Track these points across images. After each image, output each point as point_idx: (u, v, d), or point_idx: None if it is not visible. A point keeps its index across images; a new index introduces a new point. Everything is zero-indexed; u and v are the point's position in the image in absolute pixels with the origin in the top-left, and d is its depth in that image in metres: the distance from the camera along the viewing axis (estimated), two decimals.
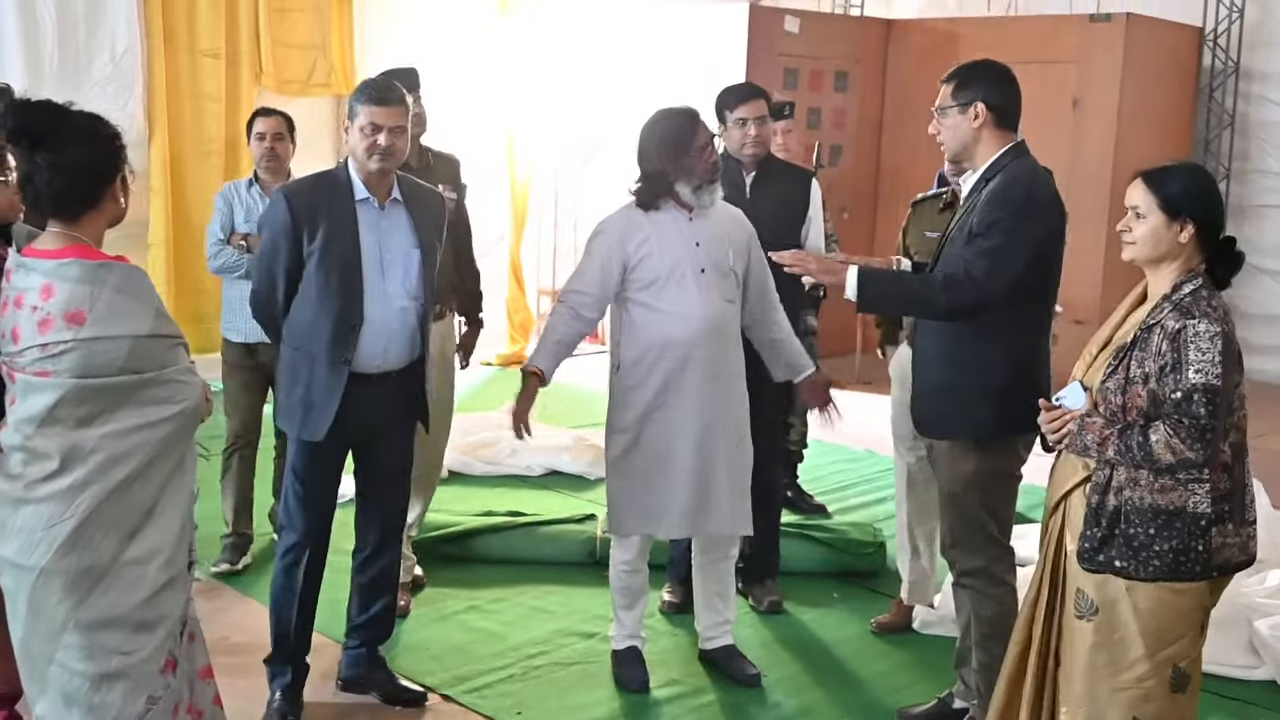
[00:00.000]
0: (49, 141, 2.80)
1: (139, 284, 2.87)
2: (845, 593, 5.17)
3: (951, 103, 3.65)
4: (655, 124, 4.13)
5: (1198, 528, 2.97)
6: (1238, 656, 4.52)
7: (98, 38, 7.72)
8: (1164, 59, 9.57)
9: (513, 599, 4.96)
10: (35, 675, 2.91)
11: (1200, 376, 2.90)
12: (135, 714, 2.88)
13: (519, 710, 4.10)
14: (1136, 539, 2.99)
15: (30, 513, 2.82)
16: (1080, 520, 3.09)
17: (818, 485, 6.48)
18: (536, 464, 6.61)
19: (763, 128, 4.76)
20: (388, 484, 4.07)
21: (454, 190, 4.81)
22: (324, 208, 3.79)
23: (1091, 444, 3.02)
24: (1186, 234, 3.02)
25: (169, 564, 2.90)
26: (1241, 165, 9.81)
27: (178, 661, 2.94)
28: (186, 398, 2.91)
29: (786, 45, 9.63)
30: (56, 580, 2.82)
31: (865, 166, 10.38)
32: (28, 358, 2.80)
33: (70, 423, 2.79)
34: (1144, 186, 3.07)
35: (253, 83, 8.40)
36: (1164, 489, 2.98)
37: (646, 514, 4.17)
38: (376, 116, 3.75)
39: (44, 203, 2.84)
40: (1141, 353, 3.00)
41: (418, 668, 4.35)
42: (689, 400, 4.10)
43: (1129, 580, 3.01)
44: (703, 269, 4.10)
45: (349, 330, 3.78)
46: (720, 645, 4.40)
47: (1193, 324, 2.94)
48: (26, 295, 2.80)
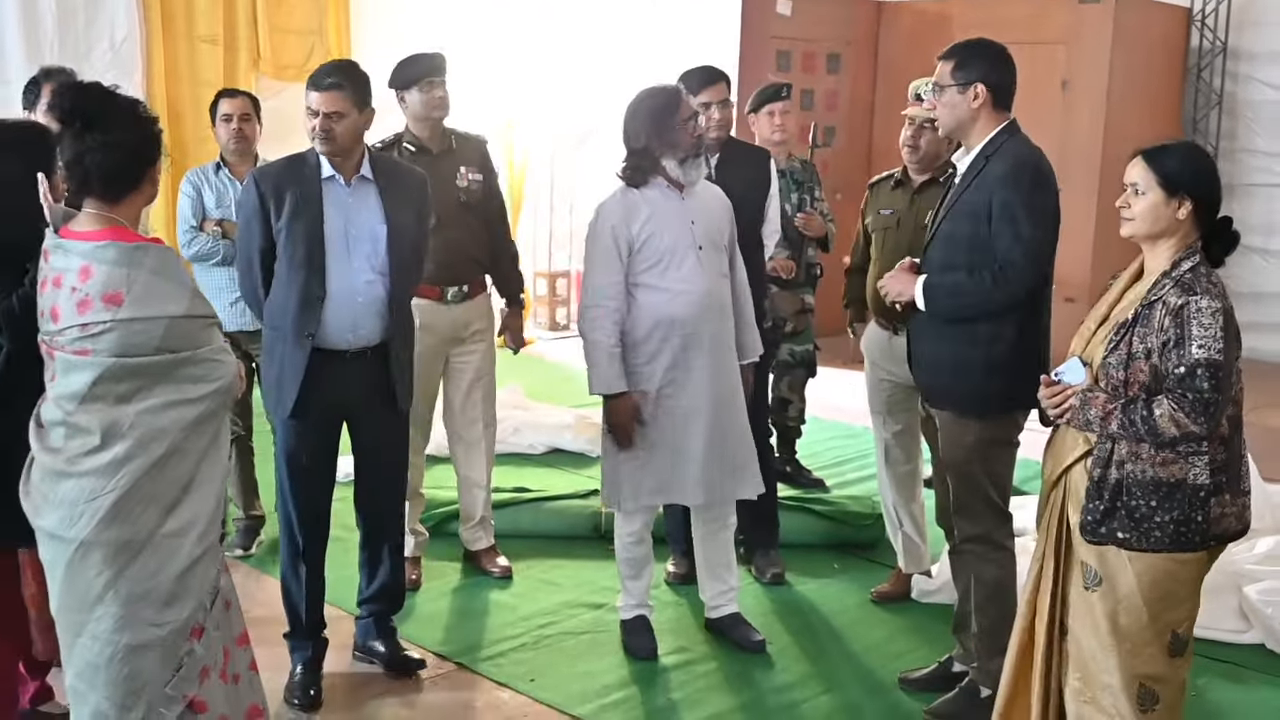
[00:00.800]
0: (100, 123, 2.87)
1: (174, 266, 2.94)
2: (845, 563, 5.29)
3: (951, 81, 3.70)
4: (640, 101, 4.20)
5: (1197, 499, 3.02)
6: (1228, 621, 4.65)
7: (97, 25, 7.78)
8: (1152, 39, 9.67)
9: (521, 572, 5.07)
10: (68, 645, 2.98)
11: (1203, 351, 2.94)
12: (162, 682, 2.95)
13: (532, 677, 4.21)
14: (1138, 511, 3.04)
15: (72, 486, 2.89)
16: (1082, 493, 3.14)
17: (815, 461, 6.60)
18: (539, 442, 6.71)
19: (724, 111, 4.78)
20: (377, 462, 4.14)
21: (479, 171, 4.87)
22: (291, 186, 3.88)
23: (1094, 418, 3.07)
24: (1184, 211, 3.06)
25: (203, 537, 2.97)
26: (1229, 144, 9.92)
27: (205, 629, 3.01)
28: (221, 376, 2.99)
29: (779, 27, 9.71)
30: (97, 552, 2.88)
31: (858, 147, 10.47)
32: (67, 336, 2.87)
33: (110, 399, 2.86)
34: (1144, 164, 3.11)
35: (250, 68, 8.47)
36: (1165, 462, 3.02)
37: (660, 486, 4.26)
38: (312, 102, 3.86)
39: (94, 183, 2.90)
40: (1143, 328, 3.03)
41: (432, 637, 4.47)
42: (699, 375, 4.20)
43: (1131, 551, 3.06)
44: (700, 246, 4.19)
45: (312, 304, 3.84)
46: (726, 613, 4.51)
47: (1195, 300, 2.98)
48: (65, 276, 2.87)
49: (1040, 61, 8.89)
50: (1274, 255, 9.79)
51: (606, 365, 4.16)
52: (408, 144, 4.80)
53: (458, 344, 4.89)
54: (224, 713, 3.07)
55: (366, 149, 4.01)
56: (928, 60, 3.88)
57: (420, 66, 4.75)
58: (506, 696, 4.12)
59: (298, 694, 3.98)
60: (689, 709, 4.07)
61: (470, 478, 5.07)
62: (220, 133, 5.12)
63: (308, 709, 3.97)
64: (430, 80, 4.73)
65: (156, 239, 2.99)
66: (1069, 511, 3.20)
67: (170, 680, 2.96)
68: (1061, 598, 3.24)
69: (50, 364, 2.96)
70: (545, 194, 10.36)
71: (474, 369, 4.95)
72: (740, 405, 4.36)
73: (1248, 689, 4.30)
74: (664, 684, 4.22)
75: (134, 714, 2.93)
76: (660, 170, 4.17)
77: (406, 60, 4.78)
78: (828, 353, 7.24)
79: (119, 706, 2.93)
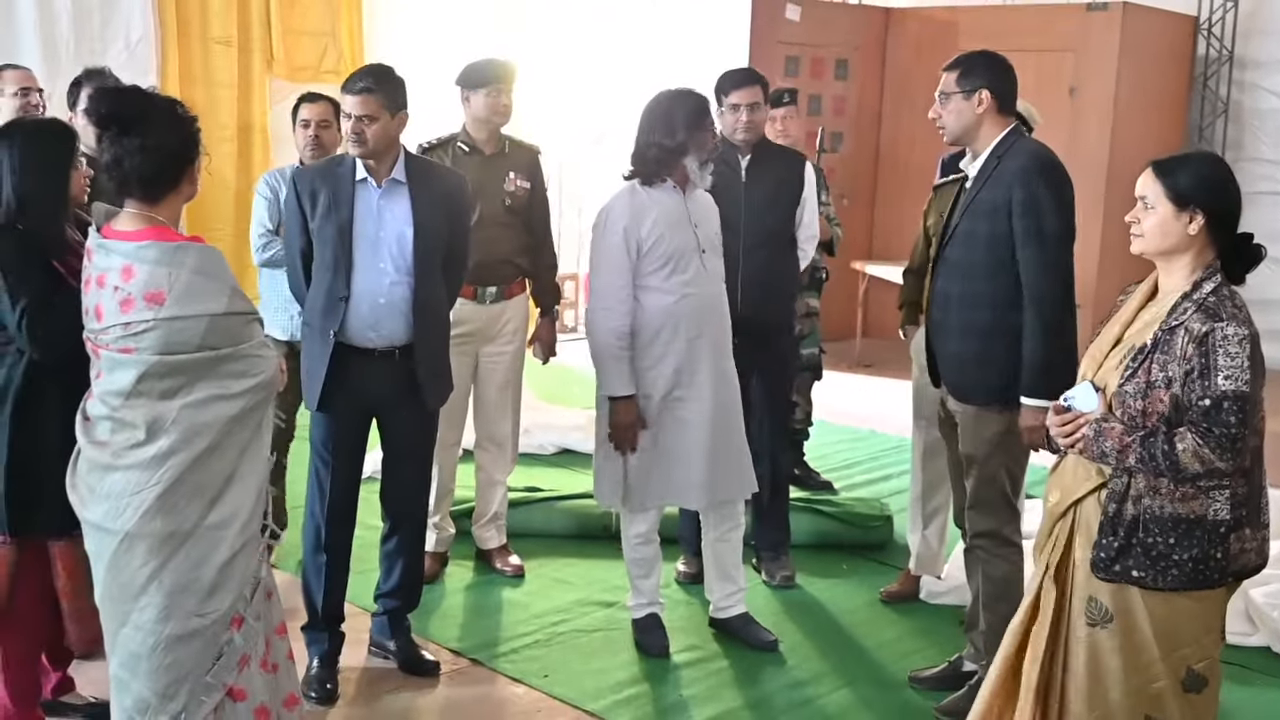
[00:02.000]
0: (138, 126, 2.94)
1: (215, 264, 3.00)
2: (854, 564, 5.33)
3: (956, 89, 3.82)
4: (678, 98, 4.22)
5: (1217, 535, 2.88)
6: (1233, 623, 4.61)
7: (112, 26, 7.82)
8: (1159, 47, 9.72)
9: (534, 570, 5.12)
10: (111, 634, 3.04)
11: (1230, 383, 2.79)
12: (203, 670, 3.00)
13: (545, 674, 4.26)
14: (1155, 548, 2.90)
15: (118, 479, 2.95)
16: (1093, 528, 2.98)
17: (824, 463, 6.64)
18: (549, 442, 6.77)
19: (755, 114, 4.85)
20: (401, 461, 4.20)
21: (527, 179, 4.94)
22: (325, 187, 3.98)
23: (1110, 451, 2.90)
24: (1196, 225, 2.91)
25: (245, 528, 3.03)
26: (1235, 153, 9.95)
27: (245, 619, 3.06)
28: (262, 370, 3.04)
29: (788, 33, 9.76)
30: (141, 544, 2.94)
31: (865, 153, 10.53)
32: (111, 335, 2.93)
33: (154, 395, 2.92)
34: (1153, 175, 2.97)
35: (264, 70, 8.50)
36: (1185, 497, 2.87)
37: (668, 488, 4.32)
38: (346, 105, 3.95)
39: (132, 185, 2.97)
40: (1164, 355, 2.87)
41: (446, 634, 4.53)
42: (704, 378, 4.25)
43: (1146, 590, 2.93)
44: (703, 250, 4.24)
45: (336, 302, 3.93)
46: (736, 613, 4.55)
47: (1221, 327, 2.82)
48: (108, 275, 2.93)
49: (1048, 69, 8.95)
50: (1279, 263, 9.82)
51: (614, 367, 4.20)
52: (461, 143, 4.89)
53: (490, 343, 4.95)
54: (263, 701, 3.12)
55: (404, 151, 4.06)
56: (935, 66, 3.97)
57: (490, 71, 4.82)
58: (521, 692, 4.16)
59: (314, 687, 4.03)
60: (700, 705, 4.11)
61: (493, 476, 5.13)
62: (299, 137, 5.01)
63: (324, 702, 4.02)
64: (498, 87, 4.80)
65: (196, 237, 3.06)
66: (1076, 546, 3.04)
67: (211, 669, 3.01)
68: (1064, 636, 3.08)
69: (96, 361, 3.02)
70: (555, 196, 10.37)
71: (505, 368, 5.02)
72: (738, 407, 4.42)
73: (1254, 691, 4.34)
74: (676, 681, 4.27)
75: (175, 703, 2.98)
76: (678, 170, 4.20)
77: (479, 63, 4.86)
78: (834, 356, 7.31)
79: (160, 695, 2.98)
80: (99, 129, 3.00)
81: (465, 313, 4.79)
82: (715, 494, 4.36)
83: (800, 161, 5.04)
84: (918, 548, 4.91)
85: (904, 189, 9.89)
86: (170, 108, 3.05)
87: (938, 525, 4.87)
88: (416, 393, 4.08)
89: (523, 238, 4.96)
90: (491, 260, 4.84)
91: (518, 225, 4.93)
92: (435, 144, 4.90)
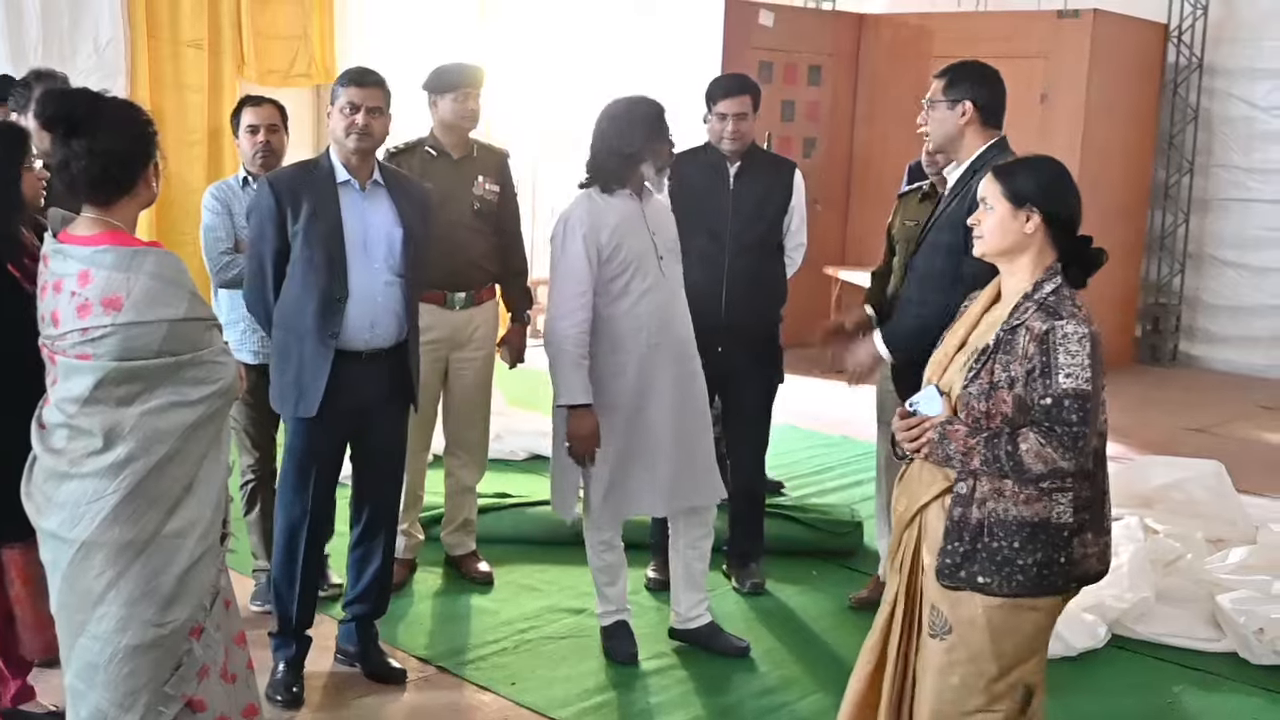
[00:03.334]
0: (84, 128, 2.88)
1: (173, 269, 2.94)
2: (824, 571, 5.33)
3: (942, 98, 3.85)
4: (634, 106, 4.17)
5: (1061, 539, 2.85)
6: (1200, 630, 4.72)
7: (81, 28, 7.78)
8: (1130, 54, 9.78)
9: (502, 577, 5.10)
10: (67, 645, 3.00)
11: (1071, 381, 2.76)
12: (160, 681, 2.96)
13: (513, 681, 4.23)
14: (1000, 553, 2.85)
15: (75, 487, 2.90)
16: (939, 535, 2.93)
17: (794, 469, 6.66)
18: (520, 448, 6.75)
19: (742, 123, 4.83)
20: (379, 465, 4.17)
21: (496, 183, 4.92)
22: (307, 190, 3.93)
23: (955, 454, 2.86)
24: (1032, 224, 2.89)
25: (204, 537, 2.98)
26: (1205, 159, 10.04)
27: (204, 629, 3.02)
28: (221, 377, 3.00)
29: (761, 39, 9.78)
30: (99, 553, 2.89)
31: (838, 158, 10.55)
32: (68, 341, 2.88)
33: (111, 402, 2.88)
34: (992, 178, 2.97)
35: (235, 73, 8.48)
36: (1029, 500, 2.83)
37: (628, 498, 4.27)
38: (354, 96, 3.91)
39: (80, 188, 2.92)
40: (1006, 355, 2.84)
41: (413, 641, 4.50)
42: (664, 384, 4.22)
43: (989, 596, 2.87)
44: (662, 256, 4.21)
45: (334, 304, 3.89)
46: (704, 624, 4.49)
47: (1061, 325, 2.79)
48: (65, 281, 2.88)
49: (1019, 75, 8.87)
50: (1248, 270, 9.91)
51: (573, 375, 4.13)
52: (429, 148, 4.87)
53: (459, 348, 4.92)
54: (222, 711, 3.08)
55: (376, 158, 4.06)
56: (908, 72, 4.02)
57: (459, 75, 4.80)
58: (488, 700, 4.14)
59: (280, 691, 4.00)
60: (670, 712, 4.10)
61: (463, 481, 5.11)
62: (245, 145, 4.60)
63: (290, 706, 3.99)
64: (465, 91, 4.78)
65: (155, 242, 3.02)
66: (923, 553, 2.99)
67: (169, 679, 2.97)
68: (915, 645, 3.05)
69: (52, 368, 2.97)
70: (527, 200, 10.36)
71: (475, 374, 4.99)
72: (703, 412, 4.38)
73: (1221, 696, 4.36)
74: (645, 688, 4.25)
75: (132, 714, 2.94)
76: (633, 178, 4.17)
77: (446, 67, 4.84)
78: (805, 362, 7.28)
79: (118, 706, 2.94)
80: (46, 130, 2.97)
81: (434, 318, 4.77)
82: (679, 501, 4.34)
83: (789, 169, 5.02)
84: (887, 552, 4.89)
85: (877, 195, 9.88)
86: (120, 109, 3.00)
87: None
88: (406, 393, 4.09)
89: (492, 242, 4.94)
90: (460, 265, 4.82)
91: (487, 230, 4.91)
92: (403, 148, 4.87)
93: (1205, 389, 9.30)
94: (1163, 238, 10.24)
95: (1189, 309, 10.26)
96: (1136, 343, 10.31)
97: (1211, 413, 8.39)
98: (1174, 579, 5.00)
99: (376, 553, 4.23)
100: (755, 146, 5.00)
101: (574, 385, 4.13)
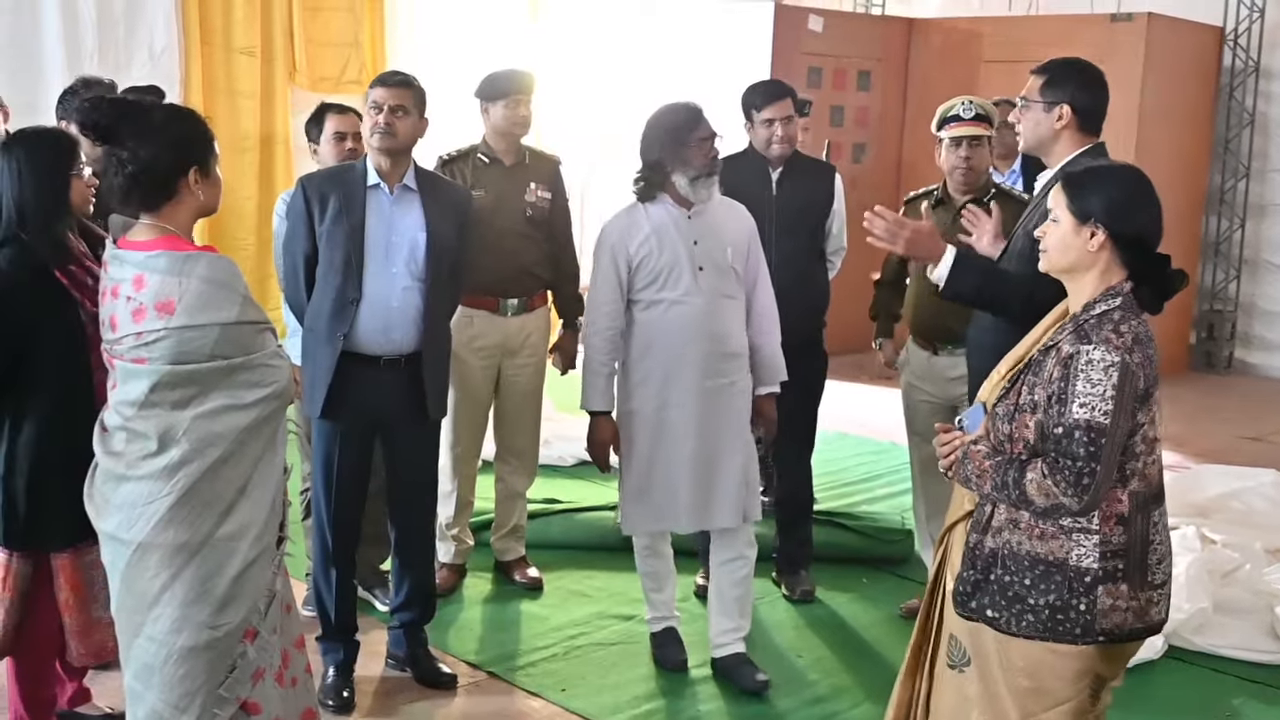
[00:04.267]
0: (115, 136, 2.92)
1: (226, 273, 2.96)
2: (874, 579, 5.29)
3: (1039, 98, 3.58)
4: (658, 116, 4.17)
5: (1081, 584, 2.64)
6: (1260, 641, 4.64)
7: (137, 36, 7.89)
8: (1184, 58, 9.66)
9: (552, 583, 5.10)
10: (125, 646, 3.02)
11: (1084, 412, 2.56)
12: (215, 683, 2.97)
13: (562, 687, 4.23)
14: (1011, 588, 2.69)
15: (131, 489, 2.93)
16: (960, 559, 2.81)
17: (843, 476, 6.62)
18: (568, 454, 6.72)
19: (788, 127, 4.81)
20: (408, 476, 4.16)
21: (549, 190, 4.91)
22: (336, 191, 3.97)
23: (972, 475, 2.74)
24: (1096, 242, 2.69)
25: (259, 540, 2.99)
26: (1261, 164, 9.90)
27: (259, 632, 3.03)
28: (275, 380, 3.00)
29: (810, 44, 9.75)
30: (154, 555, 2.92)
31: (887, 164, 10.49)
32: (125, 345, 2.92)
33: (166, 405, 2.91)
34: (1059, 187, 2.79)
35: (287, 80, 8.57)
36: (1044, 535, 2.66)
37: (655, 511, 4.24)
38: (378, 96, 3.96)
39: (121, 194, 2.95)
40: (1034, 377, 2.68)
41: (463, 646, 4.51)
42: (688, 398, 4.14)
43: (1000, 633, 2.72)
44: (701, 267, 4.13)
45: (346, 305, 3.90)
46: (729, 653, 4.33)
47: (1087, 350, 2.59)
48: (121, 286, 2.92)
49: None
50: None
51: (594, 382, 4.19)
52: (481, 154, 4.88)
53: (511, 355, 4.93)
54: (278, 715, 3.09)
55: (414, 162, 4.07)
56: (958, 77, 3.92)
57: (509, 83, 4.81)
58: (538, 705, 4.14)
59: (331, 696, 4.02)
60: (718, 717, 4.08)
61: (513, 487, 5.12)
62: (328, 151, 4.58)
63: (341, 711, 4.01)
64: (516, 98, 4.79)
65: (209, 247, 3.04)
66: (946, 576, 2.86)
67: (224, 682, 2.98)
68: (929, 674, 2.92)
69: (112, 372, 3.01)
70: (577, 208, 10.37)
71: (527, 381, 4.99)
72: (734, 431, 4.22)
73: None
74: (694, 695, 4.24)
75: (188, 715, 2.96)
76: (670, 187, 4.13)
77: (497, 74, 4.85)
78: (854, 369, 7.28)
79: (174, 707, 2.95)
80: (84, 137, 3.00)
81: (487, 325, 4.79)
82: (698, 519, 4.25)
83: (830, 174, 5.00)
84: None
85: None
86: (160, 119, 3.00)
87: None
88: (422, 404, 4.06)
89: (544, 249, 4.94)
90: (513, 272, 4.83)
91: (539, 236, 4.91)
92: (455, 155, 4.89)
93: (1261, 396, 9.17)
94: (1218, 243, 10.11)
95: (1244, 315, 10.12)
96: (1191, 350, 10.18)
97: (1268, 421, 8.27)
98: (1232, 589, 4.93)
99: (414, 562, 4.24)
100: (797, 152, 4.96)
101: (593, 392, 4.21)
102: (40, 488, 3.41)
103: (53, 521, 3.41)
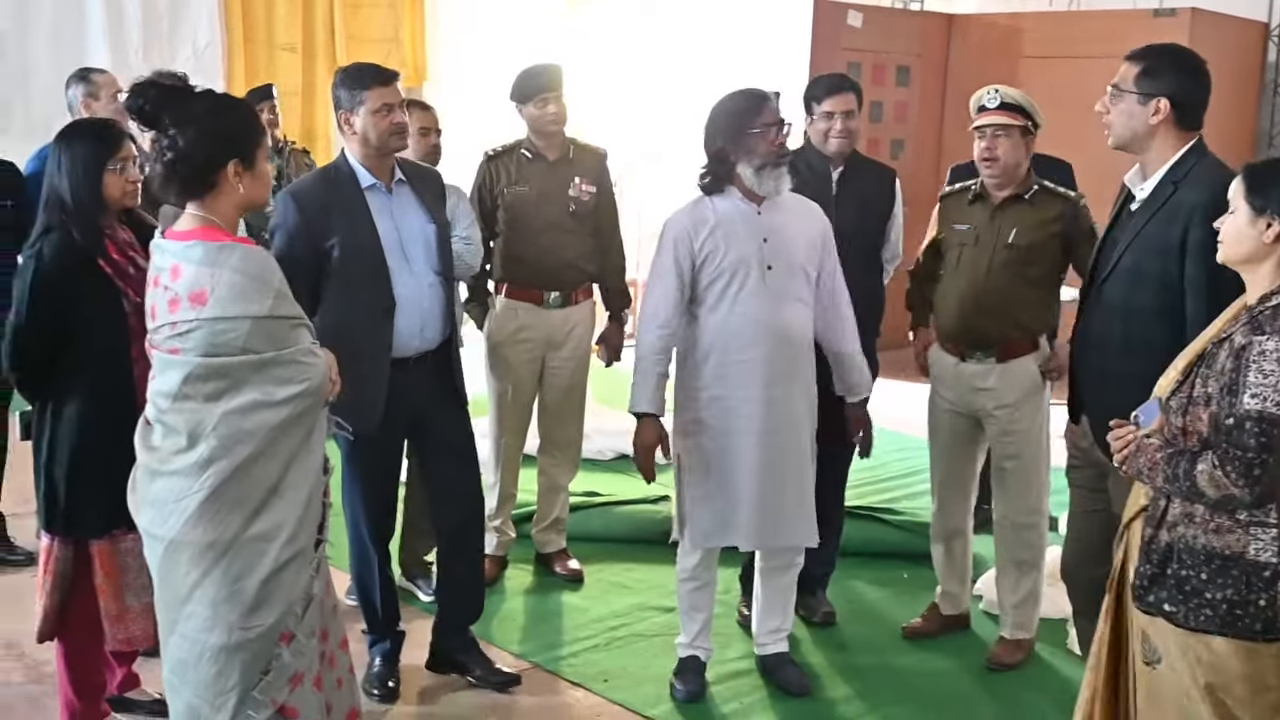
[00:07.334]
0: (158, 123, 2.90)
1: (259, 265, 2.92)
2: (915, 574, 5.27)
3: (1133, 89, 3.34)
4: (721, 103, 3.98)
5: (1260, 579, 2.59)
6: None
7: (180, 32, 7.98)
8: (1228, 54, 9.56)
9: (593, 575, 5.12)
10: (164, 639, 3.02)
11: (1256, 403, 2.52)
12: (249, 686, 2.94)
13: (605, 678, 4.25)
14: (1188, 582, 2.66)
15: (163, 485, 2.91)
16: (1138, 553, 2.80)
17: (884, 471, 6.62)
18: (608, 447, 6.73)
19: (849, 122, 4.51)
20: (452, 467, 4.10)
21: (593, 184, 4.92)
22: (335, 203, 3.82)
23: (1144, 468, 2.72)
24: (1272, 233, 2.65)
25: (292, 541, 2.93)
26: None
27: (295, 635, 2.98)
28: (309, 378, 2.94)
29: (850, 39, 9.71)
30: (184, 552, 2.89)
31: (926, 160, 10.44)
32: (161, 335, 2.91)
33: (199, 399, 2.87)
34: (1239, 179, 2.74)
35: (328, 76, 8.56)
36: (1220, 529, 2.63)
37: (718, 523, 4.03)
38: (389, 96, 3.84)
39: (157, 181, 2.94)
40: (1207, 370, 2.65)
41: (506, 638, 4.54)
42: (751, 405, 3.95)
43: (1179, 628, 2.68)
44: (769, 266, 3.93)
45: (383, 315, 3.83)
46: (773, 652, 4.29)
47: (1260, 341, 2.56)
48: (161, 275, 2.91)
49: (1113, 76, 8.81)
50: None
51: (644, 382, 3.98)
52: (525, 150, 4.89)
53: (556, 348, 4.93)
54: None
55: None
56: (997, 73, 3.83)
57: (534, 82, 4.81)
58: (580, 696, 4.17)
59: (376, 685, 4.05)
60: (760, 713, 4.09)
61: (555, 480, 5.14)
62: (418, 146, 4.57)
63: (386, 700, 4.04)
64: (544, 96, 4.78)
65: (246, 239, 3.01)
66: (1128, 571, 2.84)
67: (257, 684, 2.94)
68: (1131, 669, 2.86)
69: (152, 363, 3.00)
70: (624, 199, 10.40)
71: (570, 374, 5.00)
72: (802, 444, 4.05)
73: None
74: (736, 688, 4.25)
75: (223, 714, 2.92)
76: (736, 179, 3.94)
77: (524, 74, 4.84)
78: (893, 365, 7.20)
79: (209, 705, 2.93)
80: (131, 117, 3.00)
81: (531, 318, 4.81)
82: (765, 538, 4.08)
83: (891, 176, 4.75)
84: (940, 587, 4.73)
85: None
86: (196, 104, 2.93)
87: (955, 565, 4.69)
88: (454, 391, 4.04)
89: (588, 242, 4.94)
90: (556, 265, 4.84)
91: (583, 230, 4.92)
92: (500, 151, 4.91)
93: None
94: None
95: None
96: None
97: None
98: None
99: (465, 559, 4.17)
100: (857, 151, 4.69)
101: (642, 393, 3.99)
102: (79, 475, 3.44)
103: (90, 509, 3.44)
